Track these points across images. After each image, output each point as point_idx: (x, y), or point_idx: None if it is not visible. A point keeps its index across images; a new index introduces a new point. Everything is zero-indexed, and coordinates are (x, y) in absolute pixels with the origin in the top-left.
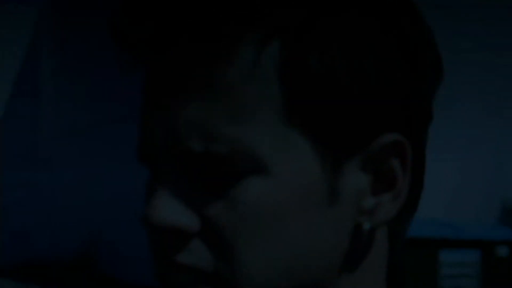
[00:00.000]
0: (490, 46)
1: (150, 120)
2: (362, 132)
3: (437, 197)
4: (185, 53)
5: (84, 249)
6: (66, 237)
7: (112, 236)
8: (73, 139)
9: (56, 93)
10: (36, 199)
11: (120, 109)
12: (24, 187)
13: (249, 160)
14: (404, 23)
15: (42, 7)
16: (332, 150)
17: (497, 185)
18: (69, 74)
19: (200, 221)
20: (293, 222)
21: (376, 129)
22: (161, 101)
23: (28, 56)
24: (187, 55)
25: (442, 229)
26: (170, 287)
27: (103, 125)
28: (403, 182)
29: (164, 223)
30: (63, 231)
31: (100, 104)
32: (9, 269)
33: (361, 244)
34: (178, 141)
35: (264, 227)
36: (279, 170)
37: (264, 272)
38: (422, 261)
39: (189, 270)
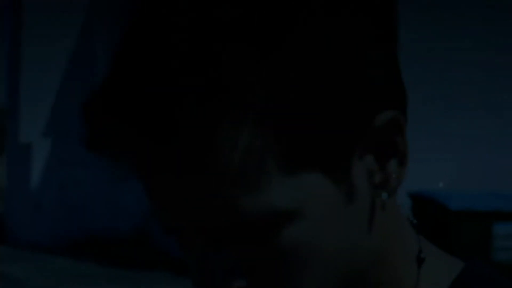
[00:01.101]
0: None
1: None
2: (359, 125)
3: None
4: (170, 164)
5: (139, 225)
6: (121, 214)
7: None
8: None
9: None
10: (93, 176)
11: None
12: (81, 164)
13: (276, 215)
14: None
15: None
16: (338, 164)
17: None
18: None
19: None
20: (330, 241)
21: (369, 116)
22: (171, 209)
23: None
24: (174, 168)
25: (497, 202)
26: None
27: None
28: (404, 147)
29: None
30: (118, 208)
31: None
32: (65, 246)
33: (386, 213)
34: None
35: (307, 262)
36: (303, 211)
37: None
38: (476, 233)
39: None
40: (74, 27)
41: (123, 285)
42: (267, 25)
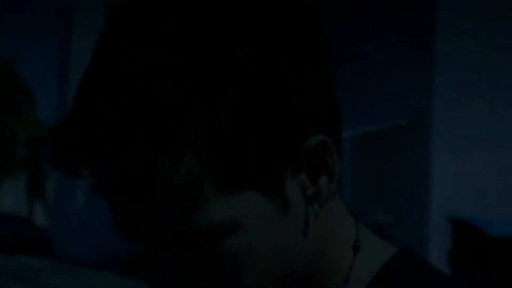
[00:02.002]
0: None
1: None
2: (290, 149)
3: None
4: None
5: None
6: None
7: None
8: None
9: None
10: None
11: None
12: None
13: (215, 229)
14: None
15: None
16: (271, 183)
17: None
18: None
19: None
20: (268, 248)
21: (299, 140)
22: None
23: None
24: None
25: None
26: None
27: None
28: (333, 164)
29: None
30: None
31: None
32: (110, 262)
33: (322, 217)
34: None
35: (248, 266)
36: (242, 223)
37: None
38: None
39: None
40: None
41: None
42: (206, 63)
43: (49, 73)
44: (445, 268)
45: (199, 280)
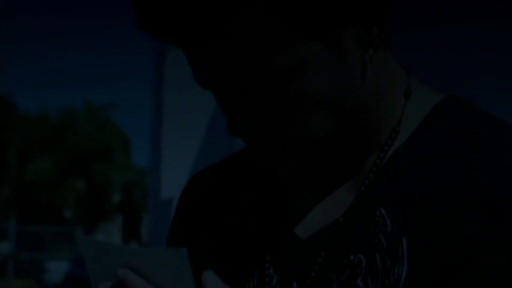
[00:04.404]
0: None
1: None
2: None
3: None
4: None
5: None
6: None
7: None
8: None
9: None
10: None
11: None
12: None
13: (282, 72)
14: None
15: None
16: (330, 32)
17: None
18: None
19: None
20: (327, 90)
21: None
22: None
23: None
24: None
25: None
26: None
27: None
28: (384, 13)
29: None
30: None
31: None
32: None
33: (376, 64)
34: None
35: (311, 106)
36: (304, 67)
37: None
38: None
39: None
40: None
41: None
42: None
43: (143, 118)
44: None
45: (269, 123)
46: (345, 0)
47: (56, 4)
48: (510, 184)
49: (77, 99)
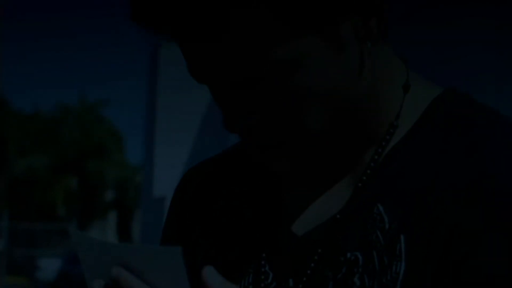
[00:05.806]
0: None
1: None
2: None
3: None
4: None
5: None
6: None
7: None
8: None
9: None
10: None
11: None
12: None
13: (279, 66)
14: None
15: None
16: (327, 24)
17: None
18: None
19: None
20: (324, 83)
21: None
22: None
23: None
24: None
25: None
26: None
27: None
28: (382, 4)
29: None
30: None
31: None
32: None
33: (375, 57)
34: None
35: (308, 100)
36: (302, 61)
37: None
38: None
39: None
40: (206, 92)
41: None
42: None
43: (136, 116)
44: None
45: (265, 118)
46: None
47: (50, 2)
48: (510, 178)
49: (71, 96)
